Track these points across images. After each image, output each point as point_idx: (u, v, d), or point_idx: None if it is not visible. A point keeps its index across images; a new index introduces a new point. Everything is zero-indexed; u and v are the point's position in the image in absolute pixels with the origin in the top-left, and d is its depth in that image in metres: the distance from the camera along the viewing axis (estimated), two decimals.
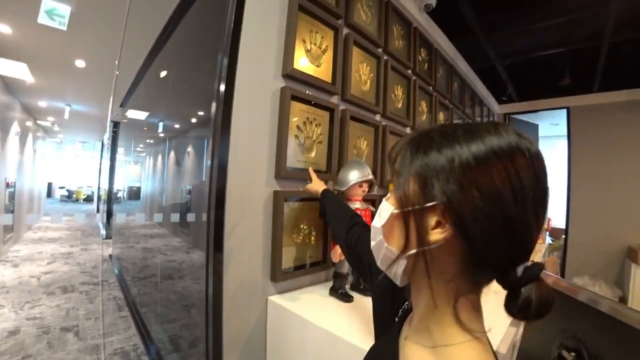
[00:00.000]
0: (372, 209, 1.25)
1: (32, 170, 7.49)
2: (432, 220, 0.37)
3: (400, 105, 1.92)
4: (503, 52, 3.28)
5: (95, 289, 3.90)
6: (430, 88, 2.31)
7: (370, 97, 1.65)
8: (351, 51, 1.49)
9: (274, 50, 1.17)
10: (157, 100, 3.49)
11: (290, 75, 1.19)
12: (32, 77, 4.28)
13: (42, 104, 6.11)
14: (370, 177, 1.18)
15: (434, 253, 0.38)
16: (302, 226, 1.25)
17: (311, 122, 1.28)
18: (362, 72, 1.60)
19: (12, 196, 5.48)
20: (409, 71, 2.02)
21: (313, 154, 1.30)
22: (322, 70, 1.34)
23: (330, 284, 1.21)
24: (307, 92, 1.27)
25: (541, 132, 5.54)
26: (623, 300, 2.68)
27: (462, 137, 0.37)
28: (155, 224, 3.60)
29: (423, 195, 0.38)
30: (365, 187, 1.20)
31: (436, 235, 0.37)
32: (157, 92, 3.48)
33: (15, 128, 5.57)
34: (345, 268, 1.19)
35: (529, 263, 0.36)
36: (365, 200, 1.25)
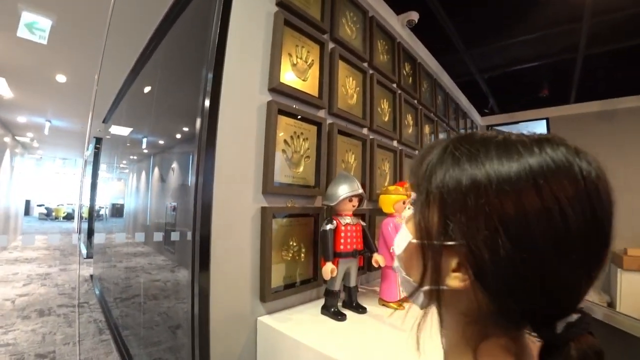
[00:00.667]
0: (363, 223, 1.24)
1: (8, 188, 7.21)
2: (453, 262, 0.31)
3: (387, 118, 1.93)
4: (483, 66, 3.39)
5: (75, 311, 3.71)
6: (415, 101, 2.35)
7: (357, 110, 1.65)
8: (337, 65, 1.50)
9: (259, 64, 1.17)
10: (140, 116, 3.43)
11: (277, 89, 1.18)
12: (10, 92, 4.16)
13: (21, 119, 5.93)
14: (360, 191, 1.16)
15: (453, 292, 0.32)
16: (291, 243, 1.22)
17: (298, 137, 1.27)
18: (349, 86, 1.61)
19: None
20: (394, 85, 2.05)
21: (301, 169, 1.28)
22: (308, 84, 1.34)
23: (322, 302, 1.18)
24: (294, 106, 1.26)
25: None
26: (611, 305, 2.72)
27: (493, 154, 0.29)
28: (138, 242, 3.49)
29: (442, 229, 0.31)
30: (355, 201, 1.19)
31: (455, 281, 0.31)
32: (140, 108, 3.43)
33: None
34: (337, 285, 1.16)
35: (574, 318, 0.28)
36: (355, 214, 1.23)
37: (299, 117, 1.27)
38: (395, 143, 2.02)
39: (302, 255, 1.27)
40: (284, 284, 1.19)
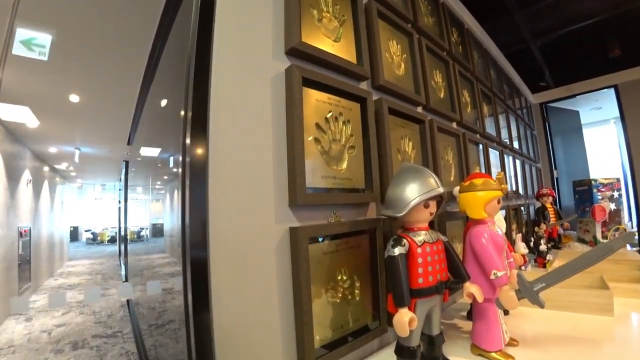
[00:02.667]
0: (444, 238, 0.81)
1: (51, 217, 7.44)
2: None
3: (442, 94, 1.49)
4: (537, 29, 2.82)
5: (108, 342, 3.53)
6: (469, 74, 1.88)
7: (407, 83, 1.23)
8: (375, 23, 1.09)
9: (270, 18, 0.79)
10: (161, 132, 3.20)
11: (298, 50, 0.79)
12: (36, 120, 4.13)
13: (52, 149, 6.05)
14: (441, 190, 0.74)
15: None
16: (339, 276, 0.82)
17: (336, 119, 0.87)
18: (393, 52, 1.19)
19: (26, 245, 5.32)
20: (445, 54, 1.60)
21: (344, 165, 0.88)
22: (341, 47, 0.94)
23: (388, 353, 0.75)
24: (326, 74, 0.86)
25: (583, 119, 4.96)
26: None
27: None
28: (177, 260, 3.25)
29: None
30: (433, 206, 0.77)
31: None
32: (159, 123, 3.18)
33: (26, 176, 5.47)
34: (416, 339, 0.74)
35: None
36: (430, 225, 0.81)
37: (335, 89, 0.87)
38: (455, 125, 1.57)
39: (356, 292, 0.86)
40: (332, 339, 0.79)
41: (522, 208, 2.49)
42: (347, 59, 0.93)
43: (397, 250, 0.71)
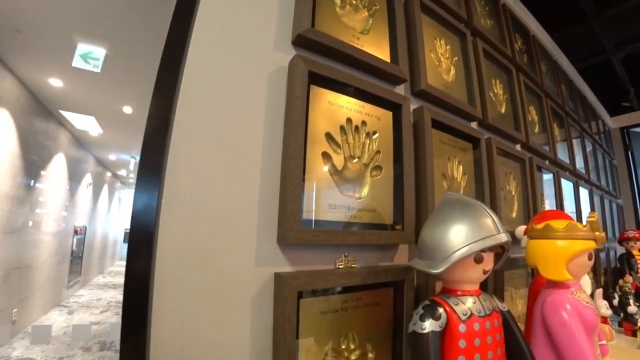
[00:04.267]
0: (503, 308, 0.55)
1: (107, 218, 8.02)
2: None
3: (503, 109, 1.21)
4: (619, 38, 2.36)
5: None
6: (537, 88, 1.56)
7: (459, 92, 0.99)
8: (417, 17, 0.88)
9: (275, 2, 0.62)
10: None
11: (307, 38, 0.60)
12: (100, 128, 4.47)
13: (112, 157, 6.53)
14: (504, 237, 0.49)
15: None
16: (344, 344, 0.59)
17: (357, 128, 0.66)
18: (441, 53, 0.97)
19: (80, 242, 5.72)
20: (507, 61, 1.33)
21: (365, 191, 0.66)
22: (370, 41, 0.74)
23: None
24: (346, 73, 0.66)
25: None
26: None
27: None
28: None
29: None
30: (488, 261, 0.51)
31: None
32: None
33: (87, 179, 5.95)
34: None
35: None
36: (482, 288, 0.55)
37: (355, 89, 0.67)
38: (519, 147, 1.27)
39: None
40: None
41: (601, 254, 2.02)
42: (377, 56, 0.73)
43: (428, 326, 0.47)
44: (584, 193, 1.93)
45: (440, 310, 0.49)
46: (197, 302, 0.46)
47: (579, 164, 1.99)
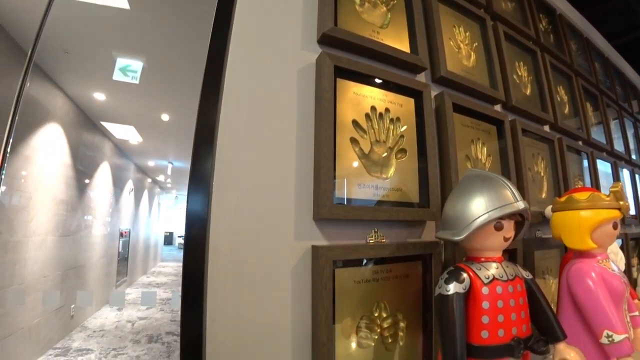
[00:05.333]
0: (527, 276, 0.58)
1: (149, 222, 8.53)
2: None
3: (529, 91, 1.21)
4: None
5: (177, 340, 3.76)
6: (565, 67, 1.52)
7: (480, 76, 1.01)
8: (435, 8, 0.91)
9: (299, 7, 0.69)
10: None
11: (331, 36, 0.67)
12: (140, 137, 4.80)
13: (151, 163, 6.94)
14: (522, 205, 0.53)
15: None
16: (377, 312, 0.64)
17: (381, 115, 0.72)
18: (460, 40, 0.99)
19: (125, 244, 6.15)
20: (531, 43, 1.32)
21: (391, 172, 0.71)
22: (389, 34, 0.79)
23: None
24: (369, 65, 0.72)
25: None
26: None
27: None
28: None
29: None
30: (509, 229, 0.55)
31: None
32: None
33: (129, 185, 6.38)
34: None
35: None
36: (506, 255, 0.59)
37: (378, 79, 0.72)
38: (547, 128, 1.26)
39: (400, 334, 0.67)
40: None
41: None
42: (396, 47, 0.78)
43: (453, 288, 0.51)
44: (626, 174, 1.85)
45: (464, 275, 0.53)
46: (244, 277, 0.54)
47: (619, 145, 1.90)
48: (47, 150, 2.91)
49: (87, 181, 3.92)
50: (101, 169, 4.58)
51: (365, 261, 0.64)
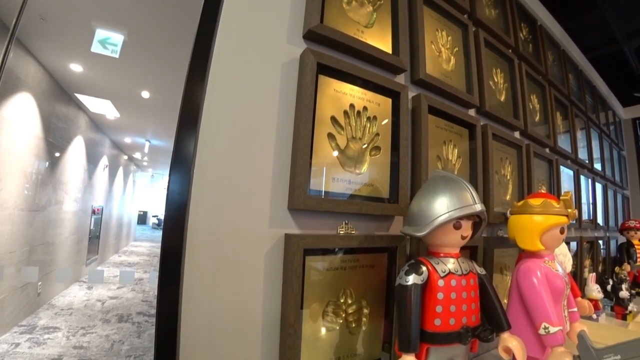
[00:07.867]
0: (480, 271, 0.64)
1: (123, 200, 8.29)
2: None
3: (503, 97, 1.27)
4: (632, 27, 2.33)
5: (148, 321, 3.75)
6: (541, 77, 1.60)
7: (458, 80, 1.05)
8: (420, 11, 0.94)
9: (288, 1, 0.70)
10: None
11: (317, 33, 0.69)
12: (117, 112, 4.62)
13: (128, 140, 6.71)
14: (479, 207, 0.58)
15: None
16: (342, 298, 0.69)
17: (359, 113, 0.75)
18: (441, 44, 1.03)
19: (97, 222, 5.97)
20: (510, 51, 1.38)
21: (364, 168, 0.75)
22: (373, 34, 0.82)
23: None
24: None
25: None
26: None
27: None
28: None
29: None
30: (466, 228, 0.60)
31: None
32: None
33: (104, 161, 6.16)
34: None
35: None
36: (463, 253, 0.64)
37: (358, 78, 0.75)
38: (517, 135, 1.33)
39: (364, 319, 0.72)
40: None
41: (601, 242, 2.07)
42: (379, 48, 0.80)
43: (411, 279, 0.56)
44: (586, 182, 1.98)
45: (423, 267, 0.58)
46: (220, 259, 0.56)
47: (583, 154, 2.03)
48: (17, 120, 2.77)
49: (57, 154, 3.76)
50: (74, 143, 4.39)
51: (335, 250, 0.68)
